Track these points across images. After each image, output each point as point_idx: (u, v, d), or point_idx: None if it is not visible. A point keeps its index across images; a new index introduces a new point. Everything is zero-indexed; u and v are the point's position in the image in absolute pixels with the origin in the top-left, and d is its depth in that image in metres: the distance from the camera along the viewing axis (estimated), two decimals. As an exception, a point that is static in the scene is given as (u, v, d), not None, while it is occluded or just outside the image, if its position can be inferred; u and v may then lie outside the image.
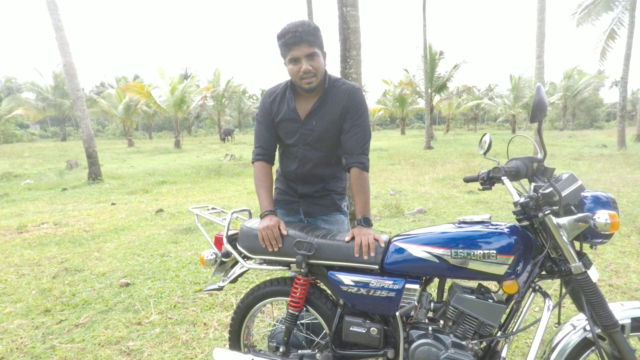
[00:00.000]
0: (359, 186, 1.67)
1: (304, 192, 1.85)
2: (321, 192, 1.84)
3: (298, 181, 1.84)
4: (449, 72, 21.97)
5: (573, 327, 1.39)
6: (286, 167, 1.87)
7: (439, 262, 1.38)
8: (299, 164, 1.79)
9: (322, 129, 1.71)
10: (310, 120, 1.71)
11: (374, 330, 1.48)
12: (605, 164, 10.09)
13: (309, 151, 1.76)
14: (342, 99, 1.68)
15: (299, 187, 1.85)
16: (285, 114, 1.73)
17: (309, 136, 1.72)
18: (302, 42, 1.54)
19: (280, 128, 1.77)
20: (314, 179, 1.82)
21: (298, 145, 1.76)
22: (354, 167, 1.67)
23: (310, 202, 1.86)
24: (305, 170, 1.79)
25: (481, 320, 1.38)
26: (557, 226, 1.28)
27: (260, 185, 1.75)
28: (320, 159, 1.77)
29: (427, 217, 5.24)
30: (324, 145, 1.75)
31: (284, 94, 1.75)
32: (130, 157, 17.17)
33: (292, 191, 1.88)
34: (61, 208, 6.67)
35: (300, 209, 1.89)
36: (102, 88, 43.89)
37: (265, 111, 1.77)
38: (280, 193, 1.94)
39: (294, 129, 1.73)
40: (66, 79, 9.02)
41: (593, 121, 42.09)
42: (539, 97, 1.23)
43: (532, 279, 1.37)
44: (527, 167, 1.38)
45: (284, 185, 1.92)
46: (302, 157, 1.77)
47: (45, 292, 3.16)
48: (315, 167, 1.79)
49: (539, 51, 9.75)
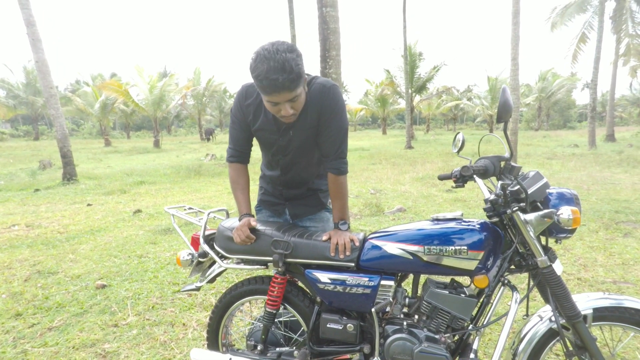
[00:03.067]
0: (335, 191, 1.66)
1: (289, 195, 1.83)
2: (306, 192, 1.83)
3: (283, 186, 1.81)
4: (429, 73, 22.36)
5: (540, 318, 1.46)
6: (269, 171, 1.83)
7: (413, 259, 1.42)
8: (282, 171, 1.75)
9: (300, 138, 1.62)
10: (287, 132, 1.60)
11: (350, 327, 1.50)
12: (577, 163, 10.48)
13: (290, 160, 1.70)
14: (315, 102, 1.54)
15: (284, 190, 1.82)
16: (263, 124, 1.61)
17: (288, 147, 1.65)
18: (282, 90, 1.35)
19: (258, 137, 1.69)
20: (298, 183, 1.80)
21: (278, 155, 1.70)
22: (331, 172, 1.64)
23: (297, 204, 1.83)
24: (289, 177, 1.76)
25: (453, 314, 1.43)
26: (524, 222, 1.34)
27: (236, 188, 1.72)
28: (302, 164, 1.73)
29: (407, 215, 5.33)
30: (305, 153, 1.68)
31: (261, 102, 1.58)
32: (107, 157, 16.71)
33: (278, 193, 1.85)
34: (33, 209, 6.45)
35: (286, 211, 1.86)
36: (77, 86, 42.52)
37: (240, 113, 1.64)
38: (265, 194, 1.90)
39: (272, 140, 1.65)
40: (38, 76, 8.71)
41: (566, 122, 43.67)
42: (504, 98, 1.28)
43: (501, 273, 1.42)
44: (495, 165, 1.44)
45: (269, 186, 1.88)
46: (285, 166, 1.73)
47: (16, 296, 3.06)
48: (298, 173, 1.76)
49: (514, 53, 10.03)
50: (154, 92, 20.49)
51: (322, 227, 1.86)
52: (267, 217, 1.91)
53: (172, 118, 39.34)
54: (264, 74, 1.31)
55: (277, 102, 1.41)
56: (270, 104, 1.43)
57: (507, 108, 1.28)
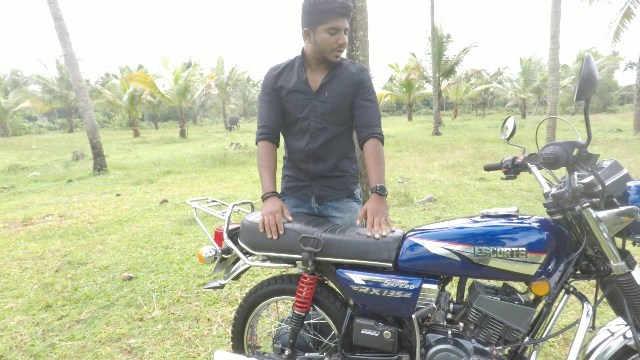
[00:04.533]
0: (376, 156, 1.62)
1: (316, 172, 1.74)
2: (334, 172, 1.74)
3: (309, 159, 1.73)
4: (458, 56, 21.43)
5: (610, 333, 1.25)
6: (295, 146, 1.75)
7: (460, 260, 1.24)
8: (310, 138, 1.69)
9: (334, 100, 1.65)
10: (323, 92, 1.65)
11: (387, 334, 1.35)
12: (622, 149, 9.77)
13: (321, 124, 1.68)
14: (353, 74, 1.66)
15: (311, 166, 1.73)
16: (296, 85, 1.66)
17: (321, 108, 1.66)
18: (345, 16, 1.52)
19: (289, 101, 1.68)
20: (326, 154, 1.72)
21: (309, 119, 1.68)
22: (372, 138, 1.64)
23: (323, 185, 1.75)
24: (317, 145, 1.69)
25: (507, 324, 1.24)
26: (596, 220, 1.13)
27: (263, 165, 1.67)
28: (332, 132, 1.69)
29: (438, 205, 5.08)
30: (336, 118, 1.68)
31: (292, 67, 1.69)
32: (135, 148, 17.13)
33: (303, 174, 1.77)
34: (66, 200, 6.63)
35: (312, 194, 1.77)
36: (106, 79, 43.77)
37: (269, 86, 1.70)
38: (290, 180, 1.83)
39: (305, 101, 1.66)
40: (67, 69, 8.91)
41: (606, 105, 41.09)
42: (588, 69, 1.05)
43: (565, 279, 1.22)
44: (568, 153, 1.22)
45: (293, 170, 1.82)
46: (314, 131, 1.68)
47: (47, 287, 3.10)
48: (327, 142, 1.70)
49: (553, 31, 9.35)
50: (178, 83, 20.72)
51: (349, 218, 1.76)
52: (291, 208, 1.80)
53: (197, 108, 39.94)
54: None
55: (337, 30, 1.52)
56: (330, 34, 1.53)
57: (591, 81, 1.05)
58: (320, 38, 1.55)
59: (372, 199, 1.54)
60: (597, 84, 1.09)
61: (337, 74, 1.65)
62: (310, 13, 1.53)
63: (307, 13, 1.54)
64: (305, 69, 1.67)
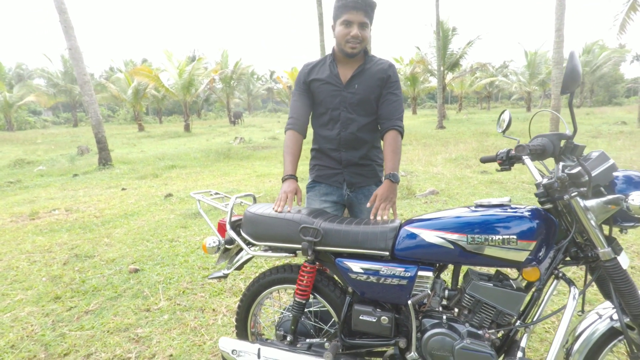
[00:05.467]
0: (395, 147, 1.75)
1: (347, 160, 1.86)
2: (364, 160, 1.87)
3: (342, 147, 1.85)
4: (463, 49, 21.29)
5: (598, 315, 1.30)
6: (328, 135, 1.87)
7: (453, 248, 1.29)
8: (342, 127, 1.83)
9: (363, 92, 1.79)
10: (352, 84, 1.80)
11: (384, 319, 1.41)
12: (625, 142, 9.72)
13: (350, 114, 1.81)
14: (383, 69, 1.80)
15: (343, 154, 1.86)
16: (328, 78, 1.82)
17: (351, 99, 1.80)
18: (359, 10, 1.66)
19: (322, 92, 1.83)
20: (357, 142, 1.85)
21: (340, 109, 1.82)
22: (393, 129, 1.77)
23: (353, 172, 1.88)
24: (348, 133, 1.83)
25: (499, 308, 1.30)
26: (584, 209, 1.17)
27: (287, 151, 1.82)
28: (361, 122, 1.82)
29: (440, 198, 5.12)
30: (364, 109, 1.82)
31: (324, 62, 1.87)
32: (140, 142, 17.24)
33: (335, 162, 1.89)
34: (72, 194, 6.73)
35: (343, 181, 1.89)
36: (111, 73, 43.86)
37: (301, 80, 1.87)
38: (322, 168, 1.94)
39: (336, 92, 1.81)
40: (72, 63, 8.97)
41: (612, 97, 40.65)
42: (572, 64, 1.09)
43: (555, 265, 1.27)
44: (555, 144, 1.26)
45: (323, 159, 1.93)
46: (345, 120, 1.82)
47: (56, 279, 3.18)
48: (357, 131, 1.83)
49: (558, 24, 9.27)
50: (183, 77, 20.75)
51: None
52: (321, 196, 1.91)
53: (201, 102, 39.98)
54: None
55: (351, 22, 1.67)
56: (344, 26, 1.69)
57: (574, 76, 1.09)
58: (337, 31, 1.73)
59: (384, 185, 1.68)
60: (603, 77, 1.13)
61: (367, 68, 1.80)
62: (334, 9, 1.73)
63: (333, 10, 1.74)
64: (336, 64, 1.83)
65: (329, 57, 1.86)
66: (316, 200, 1.91)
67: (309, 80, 1.85)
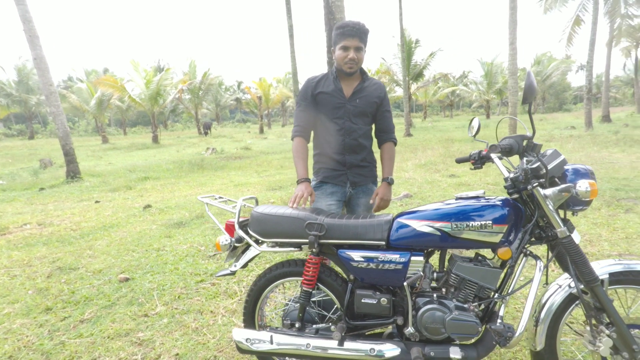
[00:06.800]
0: (391, 155, 2.21)
1: (352, 162, 2.14)
2: (365, 162, 2.17)
3: (346, 151, 2.13)
4: (426, 60, 22.31)
5: (559, 285, 1.57)
6: (333, 141, 2.13)
7: (440, 235, 1.52)
8: (345, 134, 2.11)
9: (364, 106, 2.11)
10: (354, 98, 2.10)
11: (384, 300, 1.61)
12: (575, 145, 10.61)
13: (354, 123, 2.10)
14: (379, 89, 2.16)
15: (347, 157, 2.14)
16: (333, 92, 2.10)
17: (353, 111, 2.10)
18: (355, 36, 1.96)
19: (326, 104, 2.09)
20: (358, 148, 2.14)
21: (344, 118, 2.10)
22: (390, 141, 2.22)
23: (356, 173, 2.17)
24: (352, 139, 2.11)
25: (480, 284, 1.54)
26: (544, 197, 1.44)
27: (298, 156, 2.09)
28: (361, 130, 2.13)
29: (414, 201, 5.44)
30: (363, 120, 2.13)
31: (327, 77, 2.14)
32: (106, 154, 16.71)
33: (339, 165, 2.15)
34: (42, 208, 6.51)
35: (347, 180, 2.16)
36: (70, 82, 42.04)
37: (308, 92, 2.12)
38: (327, 170, 2.18)
39: (340, 104, 2.09)
40: (37, 73, 8.67)
41: (562, 104, 43.78)
42: (529, 81, 1.37)
43: (523, 245, 1.53)
44: (519, 144, 1.54)
45: (328, 163, 2.18)
46: (348, 129, 2.10)
47: (43, 292, 3.15)
48: (359, 137, 2.13)
49: (511, 38, 10.07)
50: (150, 87, 20.34)
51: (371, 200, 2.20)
52: (328, 194, 2.15)
53: (168, 113, 39.06)
54: (347, 23, 1.96)
55: (348, 47, 1.97)
56: (342, 50, 1.99)
57: (532, 90, 1.37)
58: (337, 54, 2.03)
59: (383, 186, 2.13)
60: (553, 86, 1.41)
61: (365, 86, 2.13)
62: (334, 36, 2.03)
63: (333, 37, 2.03)
64: (339, 80, 2.11)
65: (331, 74, 2.13)
66: (322, 199, 2.13)
67: (316, 93, 2.10)
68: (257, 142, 19.02)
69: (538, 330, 1.55)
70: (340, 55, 2.01)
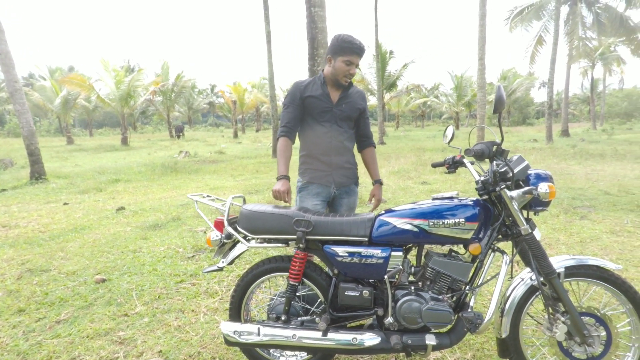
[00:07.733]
0: (374, 158, 2.45)
1: (337, 163, 2.27)
2: (348, 164, 2.32)
3: (332, 153, 2.25)
4: (399, 71, 22.99)
5: (521, 279, 1.75)
6: (320, 143, 2.24)
7: (418, 231, 1.67)
8: (332, 137, 2.24)
9: (349, 111, 2.27)
10: (341, 104, 2.25)
11: (366, 293, 1.73)
12: (537, 156, 11.29)
13: (340, 127, 2.25)
14: (361, 97, 2.34)
15: (333, 158, 2.26)
16: (321, 96, 2.22)
17: (339, 115, 2.24)
18: (360, 55, 2.14)
19: (315, 107, 2.21)
20: (343, 149, 2.29)
21: (331, 122, 2.24)
22: (371, 145, 2.43)
23: (340, 174, 2.30)
24: (338, 141, 2.25)
25: (454, 277, 1.69)
26: (510, 198, 1.61)
27: (281, 155, 2.19)
28: (346, 133, 2.29)
29: (387, 206, 5.62)
30: (348, 124, 2.30)
31: (315, 82, 2.26)
32: (72, 156, 16.05)
33: (325, 165, 2.26)
34: (4, 210, 6.22)
35: (333, 181, 2.27)
36: (31, 80, 40.05)
37: (297, 95, 2.22)
38: (314, 170, 2.28)
39: (327, 109, 2.23)
40: (2, 69, 8.30)
41: (525, 118, 46.16)
42: (499, 94, 1.55)
43: (491, 241, 1.70)
44: (489, 149, 1.71)
45: (314, 164, 2.28)
46: (334, 132, 2.24)
47: (13, 293, 3.06)
48: (344, 140, 2.28)
49: (480, 54, 10.64)
50: (121, 88, 19.76)
51: (353, 201, 2.38)
52: (313, 195, 2.24)
53: (137, 114, 37.95)
54: (355, 41, 2.09)
55: (351, 63, 2.11)
56: (345, 64, 2.12)
57: (501, 102, 1.55)
58: (338, 65, 2.14)
59: (376, 187, 2.42)
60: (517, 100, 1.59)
61: (350, 93, 2.27)
62: (336, 46, 2.11)
63: (334, 45, 2.12)
64: (327, 86, 2.23)
65: (318, 79, 2.26)
66: (308, 199, 2.22)
67: (305, 96, 2.21)
68: (231, 147, 18.83)
69: (503, 320, 1.72)
70: (342, 68, 2.13)
